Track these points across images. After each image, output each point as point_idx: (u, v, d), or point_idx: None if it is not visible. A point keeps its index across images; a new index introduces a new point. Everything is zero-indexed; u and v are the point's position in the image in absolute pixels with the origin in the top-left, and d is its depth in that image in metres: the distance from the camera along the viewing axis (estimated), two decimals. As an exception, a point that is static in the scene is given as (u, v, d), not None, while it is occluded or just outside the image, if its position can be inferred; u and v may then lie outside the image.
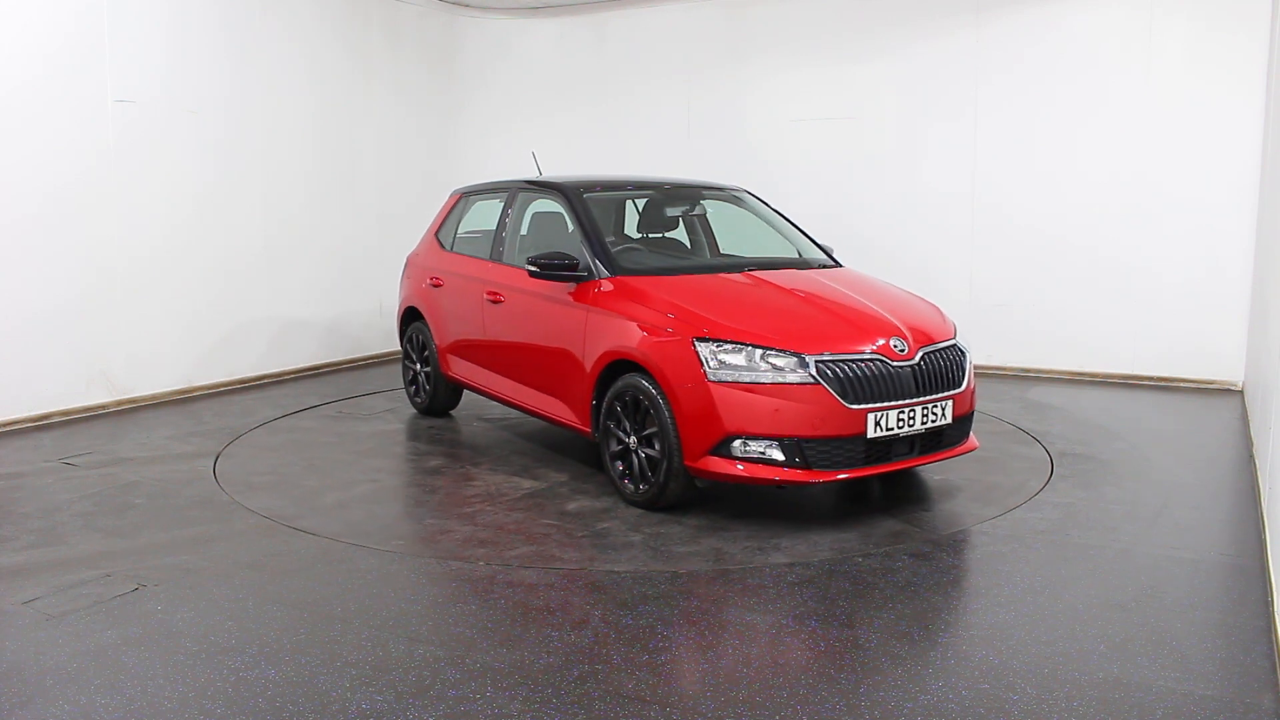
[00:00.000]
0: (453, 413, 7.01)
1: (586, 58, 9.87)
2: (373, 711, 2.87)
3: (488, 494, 5.14)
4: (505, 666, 3.16)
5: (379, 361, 9.17)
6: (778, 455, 4.39)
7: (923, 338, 4.73)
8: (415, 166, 9.67)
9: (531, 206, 6.13)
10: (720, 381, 4.41)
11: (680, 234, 6.22)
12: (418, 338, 6.88)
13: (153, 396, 7.25)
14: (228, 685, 3.03)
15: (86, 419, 6.69)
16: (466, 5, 9.95)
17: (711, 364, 4.44)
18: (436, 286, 6.63)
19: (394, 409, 7.19)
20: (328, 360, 8.77)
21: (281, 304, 8.30)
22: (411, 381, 7.05)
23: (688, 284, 5.05)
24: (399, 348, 9.44)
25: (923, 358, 4.64)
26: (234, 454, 5.93)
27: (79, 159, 6.66)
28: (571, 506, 4.88)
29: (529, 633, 3.43)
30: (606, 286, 5.07)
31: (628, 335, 4.82)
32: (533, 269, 5.30)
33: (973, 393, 4.95)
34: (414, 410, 7.05)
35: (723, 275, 5.27)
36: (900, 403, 4.50)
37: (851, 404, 4.39)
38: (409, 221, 9.59)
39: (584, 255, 5.29)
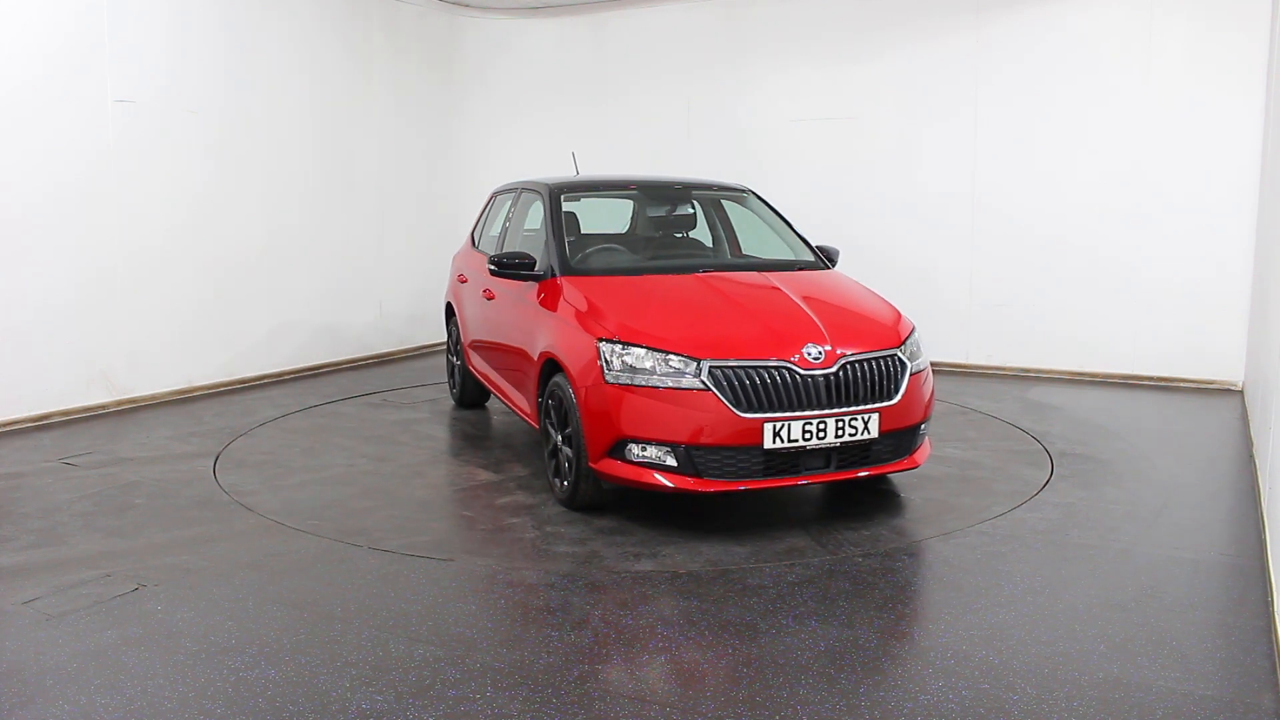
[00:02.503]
0: (488, 405, 7.12)
1: (586, 57, 9.87)
2: (373, 711, 2.87)
3: (439, 483, 5.29)
4: (505, 666, 3.16)
5: (379, 361, 9.17)
6: (671, 461, 4.28)
7: (849, 346, 4.44)
8: (415, 166, 9.67)
9: (535, 205, 6.17)
10: (617, 383, 4.35)
11: (703, 234, 6.23)
12: (454, 331, 7.11)
13: (153, 396, 7.25)
14: (228, 685, 3.03)
15: (86, 419, 6.69)
16: (466, 5, 9.95)
17: (614, 365, 4.39)
18: (462, 283, 6.82)
19: (436, 400, 7.41)
20: (328, 360, 8.77)
21: (282, 304, 8.29)
22: (451, 374, 7.31)
23: (628, 285, 4.99)
24: (401, 347, 9.56)
25: (843, 367, 4.37)
26: (257, 434, 6.26)
27: (79, 159, 6.66)
28: (503, 500, 4.95)
29: (529, 633, 3.43)
30: (557, 286, 5.10)
31: (555, 334, 4.86)
32: (492, 268, 5.36)
33: (917, 405, 4.60)
34: (454, 402, 7.26)
35: (672, 277, 5.14)
36: (806, 414, 4.25)
37: (745, 412, 4.20)
38: (409, 221, 9.61)
39: (545, 255, 5.33)
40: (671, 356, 4.32)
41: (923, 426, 4.73)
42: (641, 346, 4.38)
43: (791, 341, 4.39)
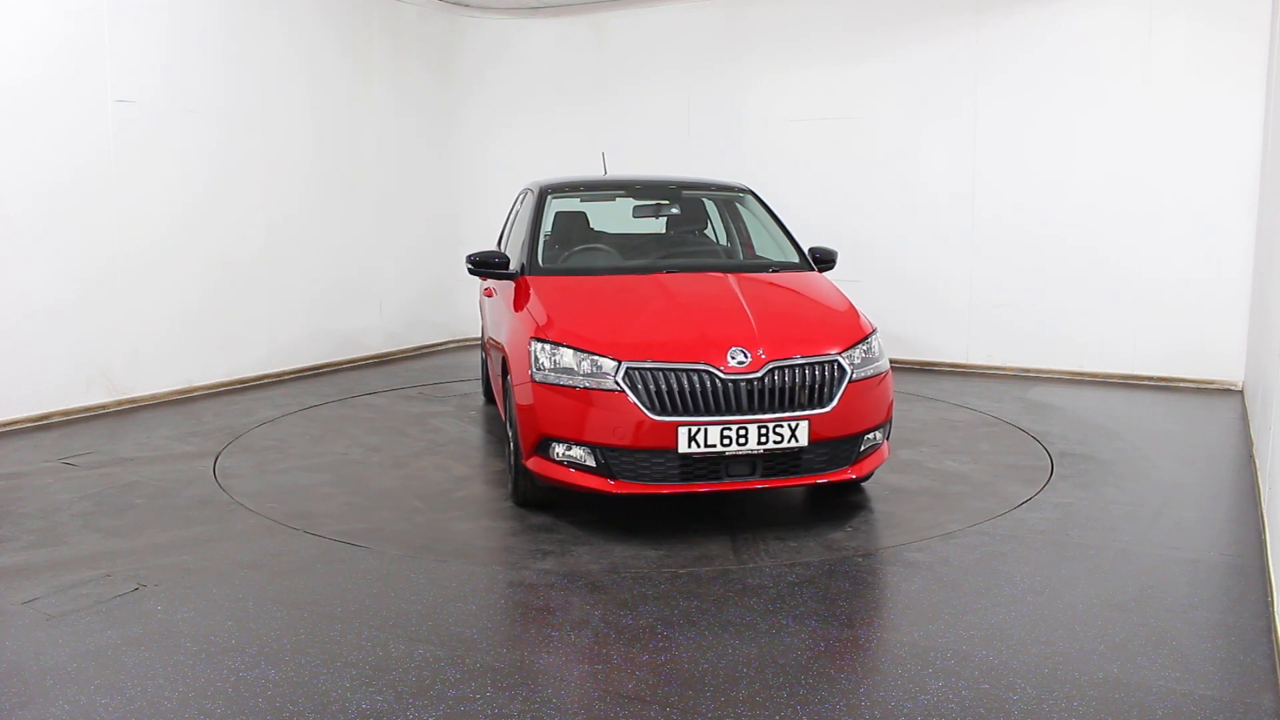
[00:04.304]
0: None
1: (586, 57, 9.87)
2: (373, 711, 2.87)
3: (413, 475, 5.38)
4: (505, 666, 3.16)
5: (379, 361, 9.17)
6: (591, 462, 4.28)
7: (781, 351, 4.31)
8: (415, 166, 9.66)
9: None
10: (543, 382, 4.39)
11: (718, 232, 6.24)
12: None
13: (153, 396, 7.25)
14: (228, 685, 3.03)
15: (86, 419, 6.69)
16: (466, 5, 9.95)
17: (543, 365, 4.42)
18: (483, 280, 6.89)
19: (470, 395, 7.56)
20: (328, 360, 8.77)
21: (281, 303, 8.29)
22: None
23: (583, 285, 4.99)
24: (401, 348, 9.57)
25: (770, 373, 4.25)
26: (284, 421, 6.54)
27: (79, 158, 6.66)
28: (461, 494, 5.03)
29: (529, 633, 3.43)
30: (523, 285, 5.14)
31: (508, 332, 4.97)
32: (469, 266, 5.40)
33: (859, 413, 4.42)
34: (484, 397, 7.41)
35: (630, 277, 5.10)
36: (725, 419, 4.16)
37: (659, 415, 4.16)
38: (409, 221, 9.61)
39: (520, 253, 5.38)
40: (594, 357, 4.33)
41: (870, 435, 4.54)
42: (569, 347, 4.40)
43: (719, 345, 4.31)
